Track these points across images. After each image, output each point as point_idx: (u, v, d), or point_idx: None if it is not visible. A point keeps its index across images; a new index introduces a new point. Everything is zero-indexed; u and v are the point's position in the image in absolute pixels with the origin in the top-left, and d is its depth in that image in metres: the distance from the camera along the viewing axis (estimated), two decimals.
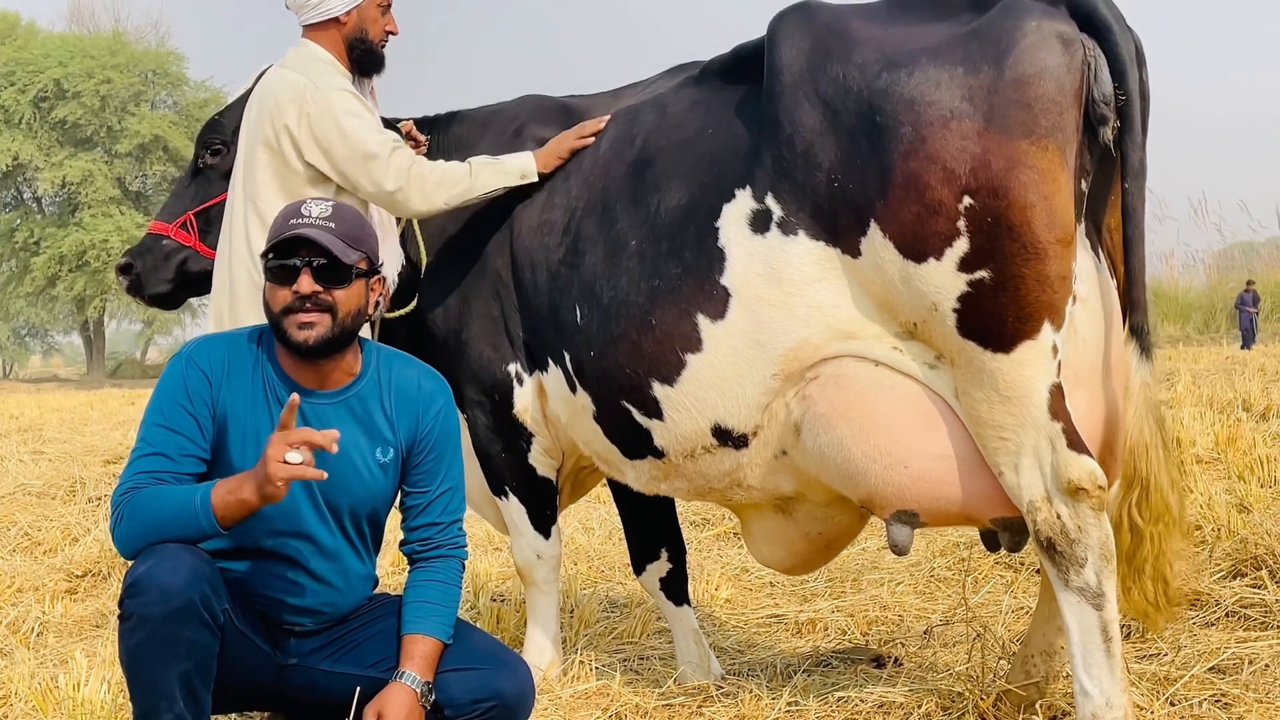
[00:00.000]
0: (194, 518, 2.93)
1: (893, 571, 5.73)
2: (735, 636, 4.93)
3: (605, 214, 3.86)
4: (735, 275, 3.51)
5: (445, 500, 3.35)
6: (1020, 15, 3.18)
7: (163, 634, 2.90)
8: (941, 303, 3.21)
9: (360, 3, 4.17)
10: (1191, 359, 12.04)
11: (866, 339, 3.38)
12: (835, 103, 3.35)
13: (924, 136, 3.17)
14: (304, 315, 3.08)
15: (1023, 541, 3.47)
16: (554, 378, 4.05)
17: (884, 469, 3.38)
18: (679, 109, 3.87)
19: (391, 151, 4.05)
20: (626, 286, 3.72)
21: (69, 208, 36.51)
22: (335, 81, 4.11)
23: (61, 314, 38.27)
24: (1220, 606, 4.44)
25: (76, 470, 9.33)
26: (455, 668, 3.21)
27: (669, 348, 3.64)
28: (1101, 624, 3.17)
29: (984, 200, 3.12)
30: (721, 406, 3.60)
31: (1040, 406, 3.18)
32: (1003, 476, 3.27)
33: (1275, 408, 8.51)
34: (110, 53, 35.85)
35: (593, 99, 4.42)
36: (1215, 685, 3.73)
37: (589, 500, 8.07)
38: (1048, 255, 3.11)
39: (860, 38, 3.38)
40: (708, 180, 3.63)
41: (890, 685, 3.98)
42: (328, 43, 4.19)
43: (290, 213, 3.16)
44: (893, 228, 3.23)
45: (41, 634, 5.29)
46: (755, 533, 4.04)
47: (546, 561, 4.38)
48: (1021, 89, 3.12)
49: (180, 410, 3.10)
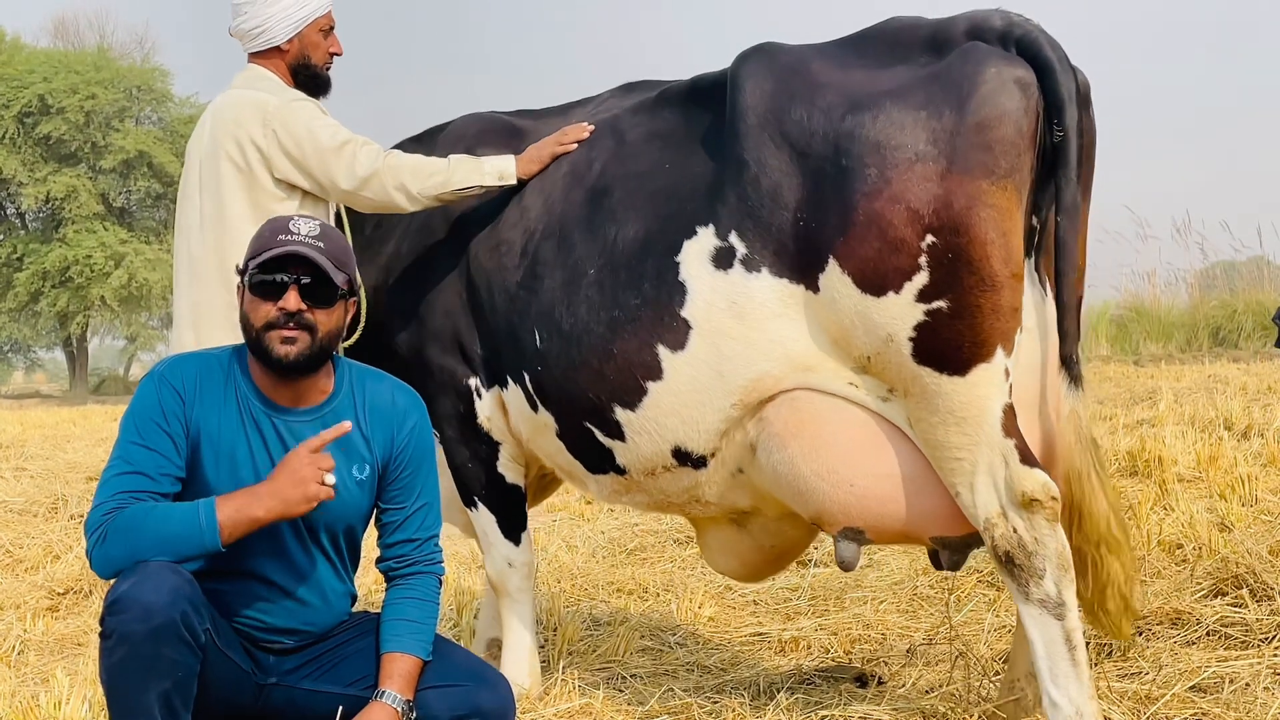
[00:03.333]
0: (196, 535, 2.94)
1: (876, 590, 5.73)
2: (718, 655, 4.93)
3: (563, 240, 3.93)
4: (697, 309, 3.61)
5: (421, 516, 3.35)
6: (980, 61, 3.32)
7: (143, 652, 2.89)
8: (898, 333, 3.33)
9: (301, 30, 4.20)
10: (1174, 377, 12.07)
11: (825, 372, 3.51)
12: (800, 144, 3.46)
13: (889, 178, 3.30)
14: (286, 331, 3.08)
15: (961, 560, 3.64)
16: (515, 395, 4.12)
17: (831, 487, 3.52)
18: (636, 138, 3.94)
19: (363, 141, 4.09)
20: (586, 315, 3.81)
21: (53, 224, 36.29)
22: (293, 93, 4.16)
23: (44, 330, 38.03)
24: (1201, 625, 4.45)
25: (58, 487, 9.28)
26: (435, 685, 3.21)
27: (630, 375, 3.73)
28: (1064, 633, 3.27)
29: (946, 237, 3.26)
30: (682, 431, 3.73)
31: (994, 425, 3.30)
32: (959, 496, 3.39)
33: (1257, 426, 8.53)
34: (95, 68, 35.68)
35: (541, 115, 4.45)
36: (1196, 704, 3.74)
37: (573, 518, 8.07)
38: (1003, 287, 3.26)
39: (823, 80, 3.50)
40: (666, 215, 3.71)
41: (874, 704, 3.98)
42: (273, 69, 4.23)
43: (279, 228, 3.15)
44: (851, 264, 3.35)
45: (23, 652, 5.26)
46: (711, 543, 4.20)
47: (519, 569, 4.40)
48: (983, 132, 3.26)
49: (156, 429, 3.10)
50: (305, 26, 4.20)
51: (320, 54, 4.26)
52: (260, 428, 3.18)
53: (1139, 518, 5.90)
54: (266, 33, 4.18)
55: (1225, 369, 12.59)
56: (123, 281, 34.63)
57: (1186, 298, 18.22)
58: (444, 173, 4.08)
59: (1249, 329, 16.57)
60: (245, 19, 4.20)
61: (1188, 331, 17.07)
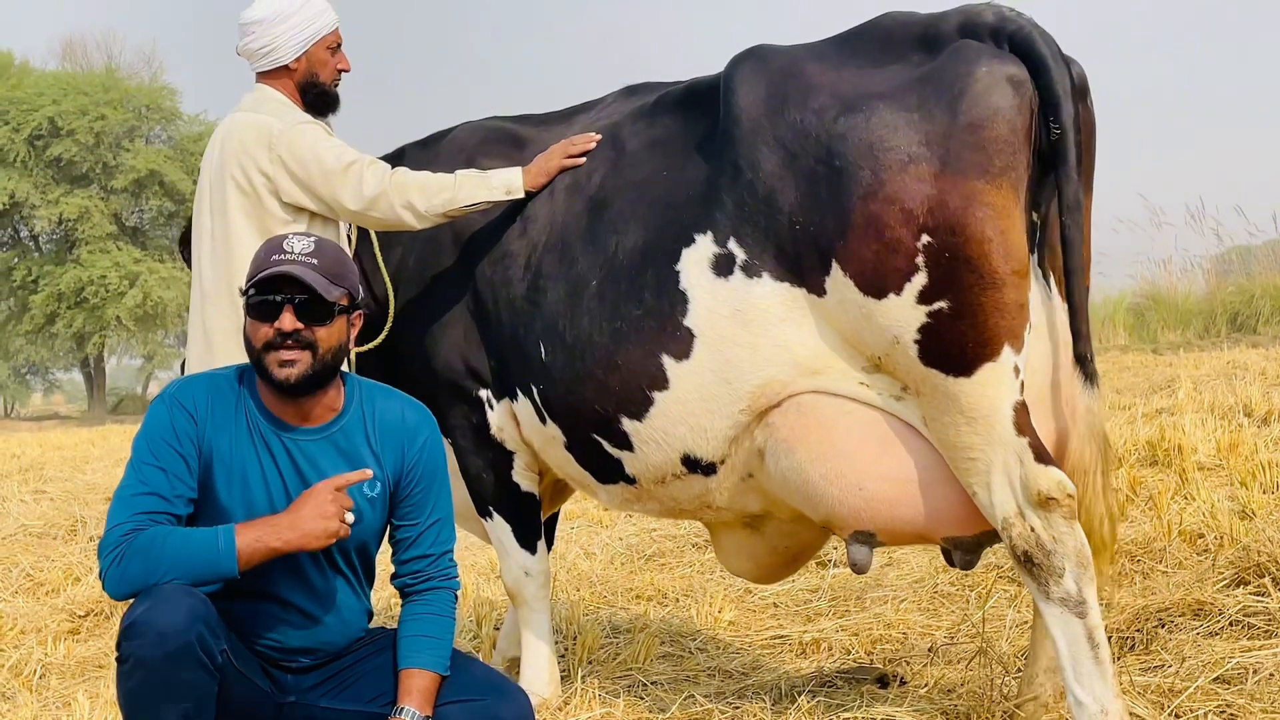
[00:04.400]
0: (214, 561, 2.94)
1: (896, 589, 5.70)
2: (739, 659, 4.91)
3: (565, 252, 3.92)
4: (699, 317, 3.60)
5: (435, 532, 3.34)
6: (971, 60, 3.30)
7: (160, 676, 2.89)
8: (903, 335, 3.32)
9: (308, 48, 4.19)
10: (1192, 365, 11.97)
11: (833, 374, 3.50)
12: (794, 147, 3.45)
13: (883, 180, 3.29)
14: (285, 353, 3.08)
15: (975, 560, 3.63)
16: (524, 407, 4.12)
17: (840, 491, 3.51)
18: (635, 146, 3.94)
19: (369, 161, 4.08)
20: (589, 326, 3.80)
21: (66, 245, 36.44)
22: (298, 116, 4.15)
23: (61, 351, 38.13)
24: (1224, 616, 4.41)
25: (78, 509, 9.30)
26: (455, 700, 3.20)
27: (635, 386, 3.73)
28: (1087, 631, 3.25)
29: (942, 238, 3.24)
30: (690, 439, 3.72)
31: (1005, 424, 3.28)
32: (976, 496, 3.37)
33: (1277, 412, 8.46)
34: (104, 89, 35.81)
35: (545, 121, 4.43)
36: (1220, 696, 3.71)
37: (591, 525, 8.05)
38: (1005, 285, 3.24)
39: (815, 82, 3.48)
40: (665, 224, 3.71)
41: (896, 705, 3.95)
42: (281, 88, 4.23)
43: (273, 248, 3.15)
44: (853, 266, 3.34)
45: (44, 676, 5.26)
46: (725, 546, 4.19)
47: (535, 578, 4.39)
48: (975, 132, 3.24)
49: (170, 450, 3.10)
50: (313, 45, 4.20)
51: (328, 71, 4.25)
52: (270, 447, 3.18)
53: (1159, 508, 5.86)
54: (274, 52, 4.18)
55: (1244, 354, 12.50)
56: (138, 301, 34.75)
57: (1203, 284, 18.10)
58: (451, 189, 4.06)
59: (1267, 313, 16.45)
60: (253, 39, 4.19)
61: (1205, 318, 16.96)
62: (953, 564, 3.69)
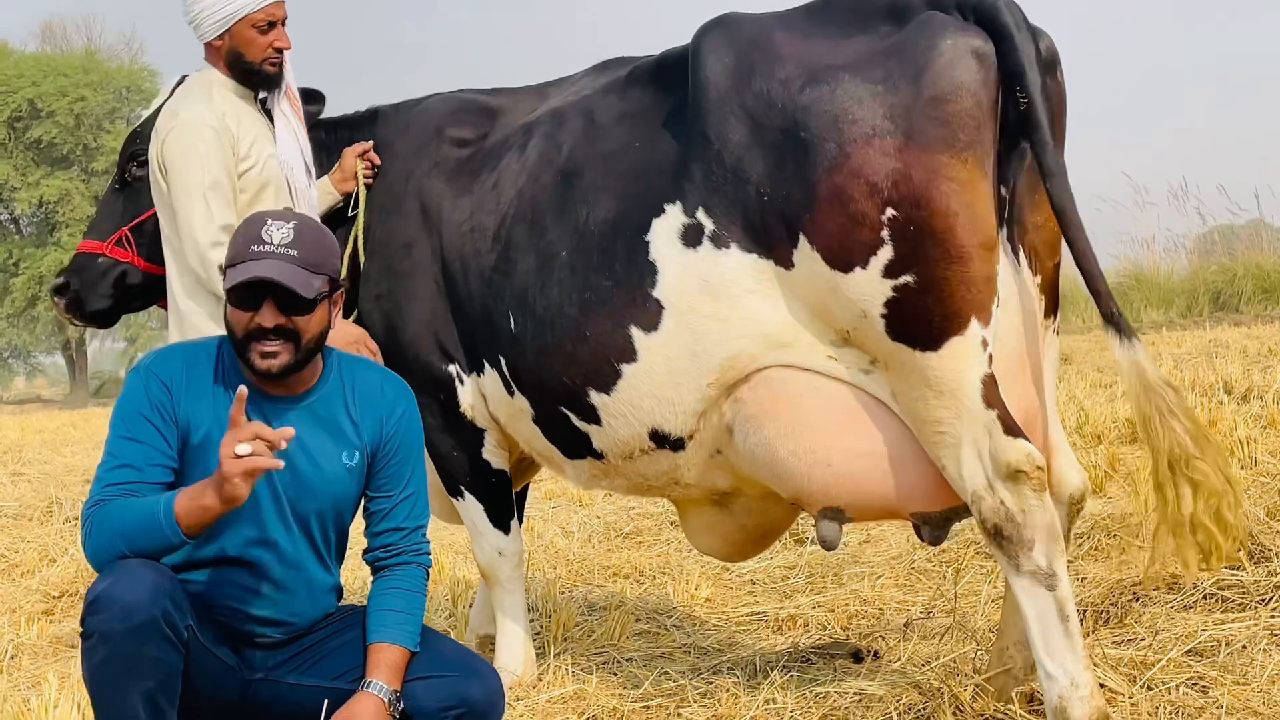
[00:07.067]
0: (158, 528, 2.89)
1: (873, 565, 5.69)
2: (715, 636, 4.90)
3: (535, 223, 3.90)
4: (668, 288, 3.58)
5: (409, 505, 3.32)
6: (935, 33, 3.28)
7: (125, 652, 2.87)
8: (870, 309, 3.30)
9: (230, 27, 4.11)
10: (1175, 343, 11.98)
11: (802, 348, 3.47)
12: (761, 118, 3.42)
13: (848, 153, 3.27)
14: (268, 344, 3.04)
15: (943, 535, 3.61)
16: (491, 380, 4.09)
17: (809, 468, 3.49)
18: (605, 119, 3.90)
19: (227, 221, 3.94)
20: (559, 297, 3.77)
21: (47, 227, 36.26)
22: (192, 114, 4.06)
23: (43, 335, 38.03)
24: (1198, 589, 4.41)
25: (54, 491, 9.26)
26: (423, 675, 3.17)
27: (604, 358, 3.70)
28: (1057, 604, 3.24)
29: (907, 211, 3.22)
30: (658, 413, 3.69)
31: (974, 397, 3.26)
32: (945, 470, 3.35)
33: (1257, 389, 8.47)
34: (83, 71, 35.61)
35: (517, 94, 4.39)
36: (1192, 668, 3.71)
37: (569, 503, 8.04)
38: (972, 258, 3.22)
39: (783, 52, 3.45)
40: (635, 194, 3.68)
41: (869, 679, 3.96)
42: (216, 61, 4.19)
43: (252, 236, 3.06)
44: (820, 239, 3.32)
45: (15, 656, 5.24)
46: (693, 524, 4.16)
47: (509, 558, 4.37)
48: (940, 106, 3.23)
49: (143, 421, 3.07)
50: (235, 23, 4.10)
51: (256, 50, 4.13)
52: (248, 415, 3.14)
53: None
54: (199, 28, 4.15)
55: (1226, 333, 12.53)
56: None
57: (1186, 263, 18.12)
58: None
59: (1249, 292, 16.48)
60: (185, 15, 4.17)
61: (1188, 297, 16.98)
62: (923, 539, 3.68)
